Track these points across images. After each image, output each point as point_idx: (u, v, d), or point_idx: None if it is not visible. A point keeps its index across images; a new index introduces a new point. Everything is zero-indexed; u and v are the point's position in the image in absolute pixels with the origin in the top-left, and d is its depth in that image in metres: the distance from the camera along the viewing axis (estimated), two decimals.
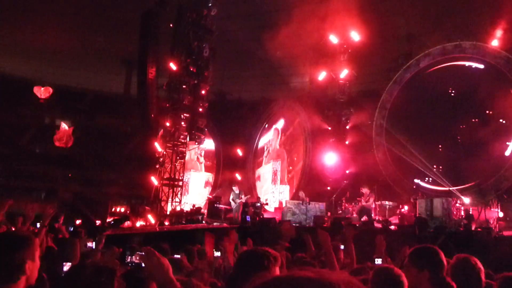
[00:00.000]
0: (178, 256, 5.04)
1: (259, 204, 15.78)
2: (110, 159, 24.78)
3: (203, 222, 15.15)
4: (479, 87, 15.47)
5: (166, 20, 18.71)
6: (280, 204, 18.58)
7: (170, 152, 17.79)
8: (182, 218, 15.73)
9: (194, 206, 17.43)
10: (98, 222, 17.76)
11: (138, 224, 16.21)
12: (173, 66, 17.43)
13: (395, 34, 18.34)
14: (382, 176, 16.73)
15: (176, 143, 17.78)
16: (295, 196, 16.86)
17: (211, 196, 19.01)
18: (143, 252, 2.07)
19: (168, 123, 17.77)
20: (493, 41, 15.72)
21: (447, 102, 16.71)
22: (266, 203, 18.71)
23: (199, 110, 18.20)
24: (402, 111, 17.33)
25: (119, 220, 16.18)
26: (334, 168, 17.69)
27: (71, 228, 11.91)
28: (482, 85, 15.42)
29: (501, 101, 14.68)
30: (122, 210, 19.11)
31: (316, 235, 4.39)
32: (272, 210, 18.45)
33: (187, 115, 17.85)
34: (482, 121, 15.73)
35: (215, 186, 21.52)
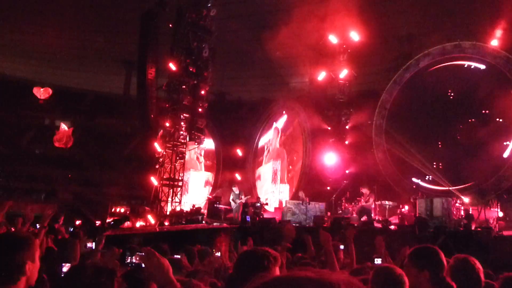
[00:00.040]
0: (177, 257, 5.04)
1: (259, 204, 15.78)
2: (110, 159, 24.78)
3: (203, 222, 15.14)
4: (478, 87, 15.48)
5: (165, 21, 18.72)
6: (280, 204, 18.59)
7: (169, 153, 17.79)
8: (182, 218, 15.73)
9: (194, 206, 17.43)
10: (98, 222, 17.79)
11: (138, 224, 16.21)
12: (172, 67, 17.43)
13: (395, 34, 18.35)
14: (382, 176, 16.73)
15: (175, 143, 17.78)
16: (295, 196, 16.86)
17: (211, 196, 19.01)
18: (143, 253, 2.07)
19: (167, 124, 17.77)
20: (492, 41, 15.72)
21: (446, 102, 16.72)
22: (266, 203, 18.70)
23: (199, 110, 18.21)
24: (401, 111, 17.33)
25: (119, 221, 16.18)
26: (334, 168, 17.69)
27: (71, 228, 11.92)
28: (481, 85, 15.42)
29: (501, 101, 14.68)
30: (122, 210, 19.10)
31: (316, 235, 4.39)
32: (272, 210, 18.45)
33: (187, 115, 17.86)
34: (482, 121, 15.73)
35: (215, 186, 21.52)
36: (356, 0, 15.46)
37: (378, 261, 5.08)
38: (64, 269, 3.82)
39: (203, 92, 18.35)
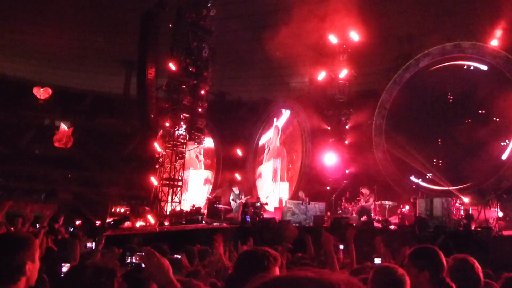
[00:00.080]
0: (177, 257, 5.03)
1: (259, 204, 15.78)
2: (110, 159, 24.80)
3: (203, 222, 15.14)
4: (478, 87, 15.47)
5: (165, 21, 18.73)
6: (280, 204, 18.61)
7: (169, 153, 17.79)
8: (182, 218, 15.73)
9: (194, 206, 17.43)
10: (98, 222, 17.79)
11: (138, 224, 16.21)
12: (172, 67, 17.43)
13: (395, 34, 18.34)
14: (382, 176, 16.72)
15: (175, 143, 17.79)
16: (295, 196, 16.85)
17: (210, 196, 19.01)
18: (143, 253, 2.07)
19: (167, 124, 17.77)
20: (492, 41, 15.72)
21: (446, 102, 16.71)
22: (266, 203, 18.70)
23: (199, 110, 18.21)
24: (401, 111, 17.32)
25: (119, 221, 16.18)
26: (333, 168, 17.69)
27: (71, 229, 11.91)
28: (481, 85, 15.42)
29: (500, 101, 14.67)
30: (122, 210, 19.11)
31: (315, 235, 4.39)
32: (272, 210, 18.45)
33: (187, 115, 17.86)
34: (482, 121, 15.72)
35: (215, 186, 21.52)
36: (356, 0, 15.47)
37: (377, 261, 5.09)
38: (64, 269, 3.82)
39: (203, 92, 18.35)
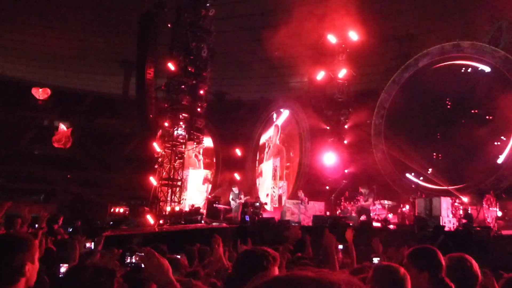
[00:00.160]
0: (177, 257, 5.03)
1: (258, 204, 15.77)
2: (109, 160, 24.78)
3: (202, 222, 15.13)
4: (477, 87, 15.47)
5: (164, 21, 18.71)
6: (280, 203, 18.65)
7: (168, 152, 17.78)
8: (181, 218, 15.71)
9: (193, 206, 17.42)
10: (97, 222, 17.75)
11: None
12: (171, 67, 17.41)
13: (394, 34, 18.35)
14: (381, 176, 16.72)
15: (174, 143, 17.77)
16: (294, 196, 16.85)
17: (210, 196, 19.00)
18: (142, 253, 2.06)
19: (167, 124, 17.76)
20: (491, 40, 15.71)
21: (445, 101, 16.70)
22: (265, 203, 18.71)
23: (198, 110, 18.19)
24: (400, 110, 17.33)
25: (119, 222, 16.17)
26: (333, 167, 17.69)
27: (71, 229, 11.89)
28: (480, 84, 15.41)
29: (500, 100, 14.66)
30: (121, 210, 19.10)
31: (315, 235, 4.39)
32: (272, 210, 18.47)
33: (186, 115, 17.84)
34: (481, 120, 15.71)
35: (215, 186, 21.51)
36: (355, 0, 15.47)
37: (376, 260, 5.09)
38: (62, 269, 3.81)
39: (202, 92, 18.33)
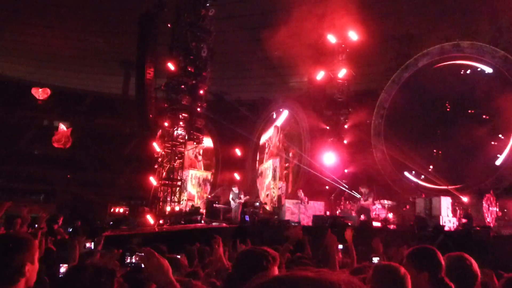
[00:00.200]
0: (177, 256, 5.02)
1: (258, 203, 15.77)
2: (109, 160, 24.78)
3: (202, 222, 15.13)
4: (477, 87, 15.47)
5: (164, 21, 18.70)
6: (280, 202, 18.64)
7: (168, 152, 17.78)
8: (181, 218, 15.72)
9: (193, 206, 17.42)
10: (97, 222, 17.77)
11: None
12: (171, 67, 17.40)
13: (394, 34, 18.34)
14: (381, 176, 16.72)
15: (174, 143, 17.76)
16: (294, 196, 16.85)
17: (210, 196, 19.00)
18: (142, 253, 2.06)
19: (166, 123, 17.75)
20: (491, 40, 15.71)
21: (445, 101, 16.70)
22: (265, 203, 18.71)
23: (198, 110, 18.19)
24: (400, 110, 17.33)
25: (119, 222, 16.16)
26: (332, 167, 17.68)
27: (71, 229, 11.89)
28: (480, 84, 15.41)
29: (500, 100, 14.65)
30: (121, 210, 19.10)
31: (314, 235, 4.39)
32: (271, 210, 18.45)
33: (186, 115, 17.84)
34: (480, 120, 15.72)
35: (214, 186, 21.52)
36: (355, 0, 15.46)
37: (375, 260, 5.08)
38: (62, 269, 3.81)
39: (201, 92, 18.32)
